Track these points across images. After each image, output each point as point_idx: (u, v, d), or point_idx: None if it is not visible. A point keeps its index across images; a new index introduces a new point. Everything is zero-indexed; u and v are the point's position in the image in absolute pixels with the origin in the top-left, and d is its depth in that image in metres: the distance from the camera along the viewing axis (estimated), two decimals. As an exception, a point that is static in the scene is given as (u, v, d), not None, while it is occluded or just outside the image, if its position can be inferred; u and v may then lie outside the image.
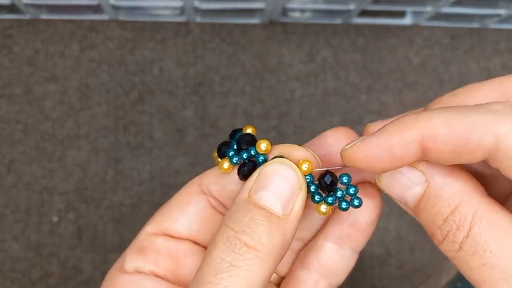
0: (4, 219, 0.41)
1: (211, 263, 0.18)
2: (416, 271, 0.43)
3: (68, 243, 0.41)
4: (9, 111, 0.41)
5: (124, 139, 0.42)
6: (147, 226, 0.23)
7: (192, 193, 0.22)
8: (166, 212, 0.23)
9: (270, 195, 0.19)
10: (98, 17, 0.42)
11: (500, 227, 0.17)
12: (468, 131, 0.17)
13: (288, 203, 0.19)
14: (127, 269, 0.22)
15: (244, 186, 0.20)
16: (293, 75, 0.43)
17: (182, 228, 0.22)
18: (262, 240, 0.18)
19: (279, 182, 0.19)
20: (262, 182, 0.19)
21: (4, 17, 0.41)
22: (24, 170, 0.41)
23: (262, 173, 0.20)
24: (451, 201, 0.17)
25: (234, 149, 0.22)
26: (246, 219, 0.18)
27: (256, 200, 0.19)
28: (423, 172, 0.18)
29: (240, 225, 0.18)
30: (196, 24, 0.42)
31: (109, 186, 0.41)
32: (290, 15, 0.42)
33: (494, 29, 0.44)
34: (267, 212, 0.19)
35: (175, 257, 0.22)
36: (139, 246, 0.22)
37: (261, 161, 0.21)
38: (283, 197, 0.19)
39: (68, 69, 0.42)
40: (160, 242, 0.22)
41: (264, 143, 0.21)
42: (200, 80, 0.42)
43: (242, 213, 0.19)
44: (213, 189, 0.22)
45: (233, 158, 0.21)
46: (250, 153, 0.21)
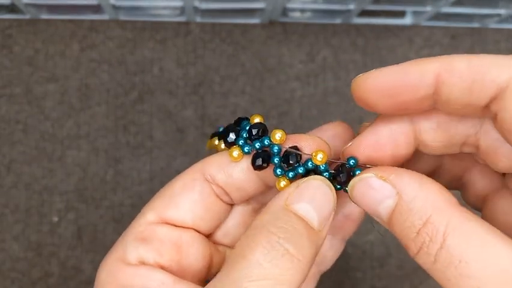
0: (4, 219, 0.41)
1: (249, 267, 0.17)
2: (416, 271, 0.43)
3: (68, 243, 0.41)
4: (9, 111, 0.41)
5: (124, 139, 0.42)
6: (147, 214, 0.22)
7: (196, 180, 0.22)
8: (168, 198, 0.22)
9: (311, 208, 0.19)
10: (98, 17, 0.42)
11: (474, 236, 0.17)
12: (486, 67, 0.17)
13: (324, 220, 0.19)
14: (130, 259, 0.21)
15: (280, 196, 0.20)
16: (293, 75, 0.43)
17: (186, 216, 0.22)
18: (304, 251, 0.18)
19: (321, 198, 0.20)
20: (304, 194, 0.19)
21: (4, 17, 0.41)
22: (24, 170, 0.41)
23: (305, 186, 0.20)
24: (422, 214, 0.17)
25: (243, 137, 0.21)
26: (288, 227, 0.18)
27: (297, 210, 0.19)
28: (394, 185, 0.18)
29: (283, 232, 0.18)
30: (196, 24, 0.42)
31: (109, 186, 0.41)
32: (290, 15, 0.42)
33: (494, 29, 0.44)
34: (306, 223, 0.19)
35: (179, 246, 0.21)
36: (140, 236, 0.21)
37: (276, 150, 0.21)
38: (322, 213, 0.19)
39: (68, 69, 0.42)
40: (163, 231, 0.21)
41: (279, 132, 0.21)
42: (200, 80, 0.42)
43: (283, 220, 0.19)
44: (219, 177, 0.22)
45: (244, 147, 0.21)
46: (263, 142, 0.21)
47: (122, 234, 0.22)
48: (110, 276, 0.21)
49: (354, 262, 0.43)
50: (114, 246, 0.22)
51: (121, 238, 0.22)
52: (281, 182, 0.21)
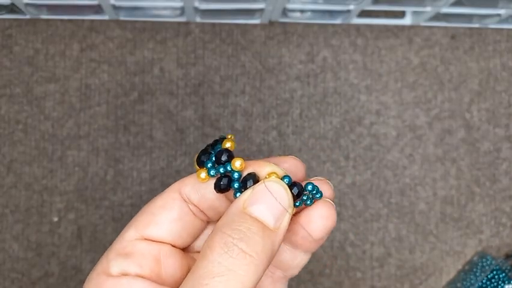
0: (4, 219, 0.41)
1: (208, 266, 0.20)
2: (416, 271, 0.43)
3: (68, 243, 0.41)
4: (9, 111, 0.41)
5: (124, 139, 0.42)
6: (129, 231, 0.23)
7: (175, 199, 0.24)
8: (149, 217, 0.24)
9: (265, 209, 0.21)
10: (98, 17, 0.42)
11: None
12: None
13: (280, 217, 0.21)
14: (113, 272, 0.22)
15: (240, 198, 0.22)
16: (293, 75, 0.43)
17: (165, 233, 0.24)
18: (257, 248, 0.20)
19: (273, 198, 0.22)
20: (258, 196, 0.22)
21: (4, 17, 0.41)
22: (24, 170, 0.41)
23: (258, 189, 0.22)
24: None
25: (212, 160, 0.23)
26: (243, 228, 0.21)
27: (252, 212, 0.21)
28: None
29: (237, 233, 0.20)
30: (196, 25, 0.42)
31: (109, 186, 0.41)
32: (290, 15, 0.42)
33: (494, 29, 0.44)
34: (261, 223, 0.21)
35: (158, 259, 0.23)
36: (123, 252, 0.23)
37: (236, 177, 0.23)
38: (276, 212, 0.21)
39: (68, 69, 0.42)
40: (143, 246, 0.23)
41: (239, 161, 0.23)
42: (200, 80, 0.42)
43: (239, 222, 0.21)
44: (193, 197, 0.24)
45: (210, 170, 0.23)
46: (226, 168, 0.23)
47: (106, 251, 0.24)
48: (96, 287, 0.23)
49: (354, 262, 0.43)
50: (99, 261, 0.24)
51: (105, 253, 0.24)
52: None
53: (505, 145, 0.44)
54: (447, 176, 0.43)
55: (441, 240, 0.43)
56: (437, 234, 0.43)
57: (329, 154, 0.43)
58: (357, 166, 0.43)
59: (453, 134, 0.43)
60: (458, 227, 0.43)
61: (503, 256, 0.43)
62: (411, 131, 0.43)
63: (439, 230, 0.43)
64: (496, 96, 0.44)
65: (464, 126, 0.44)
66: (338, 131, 0.43)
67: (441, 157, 0.43)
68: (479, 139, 0.44)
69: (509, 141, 0.44)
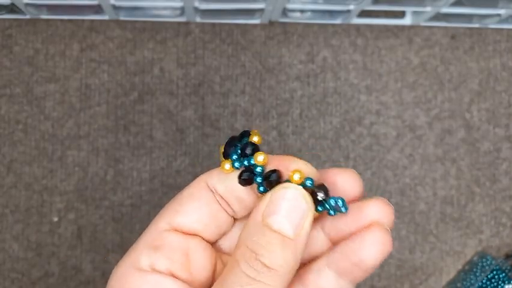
0: (4, 219, 0.41)
1: (238, 274, 0.21)
2: (416, 271, 0.43)
3: (68, 243, 0.41)
4: (9, 111, 0.41)
5: (124, 139, 0.42)
6: (159, 223, 0.24)
7: (202, 189, 0.24)
8: (177, 206, 0.24)
9: (282, 219, 0.21)
10: (98, 17, 0.42)
11: None
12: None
13: (298, 225, 0.21)
14: (142, 265, 0.22)
15: (258, 208, 0.22)
16: (293, 75, 0.43)
17: (194, 223, 0.24)
18: (279, 261, 0.21)
19: (291, 206, 0.22)
20: (274, 206, 0.22)
21: (4, 17, 0.41)
22: (24, 170, 0.41)
23: (274, 198, 0.22)
24: None
25: (238, 152, 0.23)
26: (263, 242, 0.21)
27: (270, 224, 0.21)
28: None
29: (258, 248, 0.21)
30: (196, 25, 0.42)
31: (109, 186, 0.41)
32: (290, 15, 0.42)
33: (494, 29, 0.44)
34: (280, 235, 0.21)
35: (187, 253, 0.23)
36: (153, 244, 0.23)
37: (258, 171, 0.23)
38: (293, 220, 0.21)
39: (68, 69, 0.42)
40: (173, 238, 0.23)
41: (261, 155, 0.23)
42: (200, 80, 0.42)
43: (258, 235, 0.21)
44: (218, 188, 0.24)
45: (235, 162, 0.23)
46: (251, 161, 0.23)
47: (136, 242, 0.24)
48: (122, 280, 0.23)
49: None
50: (127, 253, 0.24)
51: (134, 245, 0.24)
52: None
53: (505, 145, 0.44)
54: (447, 176, 0.43)
55: (442, 240, 0.43)
56: (437, 234, 0.43)
57: (329, 154, 0.43)
58: (357, 166, 0.43)
59: (453, 134, 0.43)
60: (458, 227, 0.43)
61: (503, 256, 0.43)
62: (411, 131, 0.43)
63: (439, 230, 0.43)
64: (496, 96, 0.44)
65: (464, 126, 0.44)
66: (338, 131, 0.43)
67: (441, 157, 0.43)
68: (479, 139, 0.44)
69: (509, 141, 0.44)
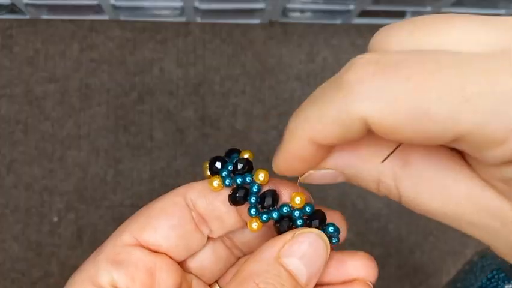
0: (4, 219, 0.41)
1: None
2: (416, 271, 0.43)
3: (68, 243, 0.41)
4: (9, 111, 0.41)
5: (124, 139, 0.42)
6: (124, 235, 0.21)
7: (177, 204, 0.22)
8: (146, 220, 0.22)
9: (302, 265, 0.19)
10: (98, 17, 0.42)
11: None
12: (339, 119, 0.15)
13: (313, 276, 0.20)
14: (101, 282, 0.21)
15: (275, 244, 0.20)
16: (293, 75, 0.43)
17: (163, 241, 0.21)
18: None
19: (313, 254, 0.20)
20: (297, 248, 0.20)
21: (4, 17, 0.41)
22: (24, 170, 0.41)
23: (298, 239, 0.20)
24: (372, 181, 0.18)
25: (228, 169, 0.21)
26: (276, 283, 0.19)
27: (287, 264, 0.19)
28: (335, 168, 0.18)
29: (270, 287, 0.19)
30: (196, 25, 0.42)
31: (109, 186, 0.41)
32: (290, 15, 0.42)
33: (494, 29, 0.44)
34: (294, 280, 0.19)
35: (152, 272, 0.21)
36: (115, 259, 0.21)
37: (254, 190, 0.21)
38: (312, 269, 0.20)
39: (68, 69, 0.42)
40: (138, 255, 0.21)
41: (263, 173, 0.21)
42: (200, 80, 0.42)
43: (272, 274, 0.19)
44: (199, 204, 0.22)
45: (226, 179, 0.21)
46: (245, 179, 0.21)
47: (95, 253, 0.22)
48: None
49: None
50: (85, 265, 0.21)
51: (94, 257, 0.21)
52: (253, 223, 0.21)
53: (505, 145, 0.44)
54: (447, 176, 0.43)
55: (441, 240, 0.43)
56: (437, 234, 0.43)
57: (329, 154, 0.43)
58: (357, 166, 0.43)
59: (453, 134, 0.43)
60: (458, 227, 0.43)
61: (503, 256, 0.43)
62: (411, 131, 0.43)
63: (439, 230, 0.43)
64: (496, 96, 0.44)
65: (464, 126, 0.44)
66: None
67: (442, 157, 0.43)
68: (479, 139, 0.44)
69: (509, 141, 0.44)
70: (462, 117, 0.14)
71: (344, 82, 0.15)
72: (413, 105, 0.14)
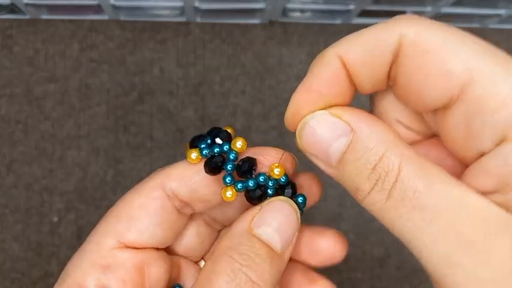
0: (4, 219, 0.41)
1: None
2: (416, 271, 0.43)
3: (68, 243, 0.41)
4: (9, 111, 0.41)
5: (124, 139, 0.42)
6: (106, 238, 0.21)
7: (157, 198, 0.21)
8: (127, 221, 0.21)
9: (274, 232, 0.19)
10: (98, 17, 0.42)
11: (427, 168, 0.16)
12: (376, 35, 0.17)
13: (287, 243, 0.20)
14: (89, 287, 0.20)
15: (245, 217, 0.20)
16: (293, 75, 0.43)
17: (147, 239, 0.21)
18: (265, 276, 0.19)
19: (283, 221, 0.20)
20: (267, 217, 0.20)
21: (4, 17, 0.41)
22: (24, 170, 0.41)
23: (268, 209, 0.20)
24: (378, 149, 0.17)
25: (207, 142, 0.21)
26: (251, 253, 0.19)
27: (260, 234, 0.19)
28: (348, 122, 0.18)
29: (245, 259, 0.19)
30: (196, 24, 0.42)
31: (109, 186, 0.41)
32: (290, 15, 0.42)
33: (494, 29, 0.44)
34: (269, 248, 0.19)
35: (141, 268, 0.21)
36: (102, 264, 0.20)
37: (231, 158, 0.20)
38: (285, 236, 0.20)
39: (68, 69, 0.42)
40: (124, 256, 0.21)
41: (240, 140, 0.21)
42: (200, 80, 0.42)
43: (246, 246, 0.19)
44: (181, 193, 0.21)
45: (203, 150, 0.21)
46: (222, 148, 0.21)
47: (79, 257, 0.21)
48: None
49: (354, 263, 0.43)
50: (69, 270, 0.21)
51: (78, 263, 0.21)
52: (227, 192, 0.21)
53: (505, 145, 0.44)
54: (447, 176, 0.43)
55: (442, 241, 0.43)
56: (437, 235, 0.43)
57: (329, 154, 0.43)
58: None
59: (453, 134, 0.43)
60: (458, 227, 0.43)
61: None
62: (411, 131, 0.43)
63: (439, 230, 0.43)
64: (496, 96, 0.44)
65: (464, 127, 0.43)
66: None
67: (442, 157, 0.43)
68: (479, 139, 0.44)
69: (509, 142, 0.44)
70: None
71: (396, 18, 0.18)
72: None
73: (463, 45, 0.17)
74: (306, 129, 0.19)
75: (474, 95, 0.16)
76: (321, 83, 0.19)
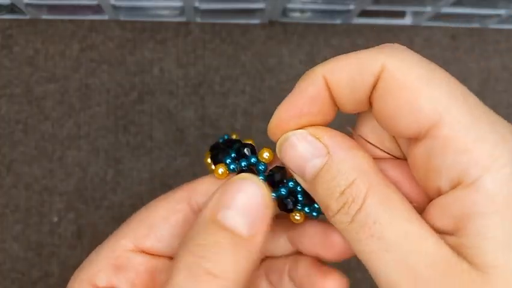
0: (4, 219, 0.41)
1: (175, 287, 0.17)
2: (416, 271, 0.43)
3: (68, 243, 0.41)
4: (9, 111, 0.41)
5: (124, 139, 0.42)
6: (124, 240, 0.21)
7: (181, 211, 0.21)
8: (148, 227, 0.21)
9: (234, 213, 0.18)
10: (98, 17, 0.42)
11: (391, 202, 0.17)
12: (360, 60, 0.18)
13: (254, 222, 0.18)
14: (100, 284, 0.20)
15: (207, 204, 0.18)
16: (293, 75, 0.43)
17: (165, 248, 0.21)
18: (227, 267, 0.17)
19: (244, 199, 0.18)
20: (225, 199, 0.18)
21: (4, 17, 0.41)
22: (24, 170, 0.41)
23: (225, 189, 0.18)
24: (349, 175, 0.18)
25: (231, 156, 0.21)
26: (209, 242, 0.17)
27: (220, 219, 0.18)
28: (326, 145, 0.19)
29: (201, 250, 0.17)
30: (196, 24, 0.42)
31: (109, 186, 0.41)
32: (290, 15, 0.42)
33: (494, 29, 0.44)
34: (231, 233, 0.17)
35: (153, 275, 0.21)
36: (115, 264, 0.20)
37: (261, 169, 0.20)
38: (249, 215, 0.18)
39: (68, 69, 0.42)
40: (138, 260, 0.21)
41: (267, 152, 0.21)
42: (200, 80, 0.42)
43: (204, 234, 0.17)
44: None
45: (231, 165, 0.21)
46: (250, 161, 0.21)
47: (94, 254, 0.21)
48: None
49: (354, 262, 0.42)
50: (86, 264, 0.21)
51: (94, 259, 0.21)
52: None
53: (505, 145, 0.44)
54: (447, 176, 0.43)
55: (442, 240, 0.43)
56: (437, 234, 0.43)
57: (329, 154, 0.43)
58: (357, 166, 0.43)
59: (453, 134, 0.43)
60: (458, 227, 0.43)
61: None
62: (411, 131, 0.43)
63: (439, 230, 0.43)
64: (496, 96, 0.44)
65: (464, 126, 0.43)
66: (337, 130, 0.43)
67: (442, 157, 0.43)
68: (479, 139, 0.44)
69: (509, 141, 0.44)
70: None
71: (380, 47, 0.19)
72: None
73: (437, 86, 0.18)
74: (286, 144, 0.19)
75: (441, 134, 0.17)
76: (303, 100, 0.19)
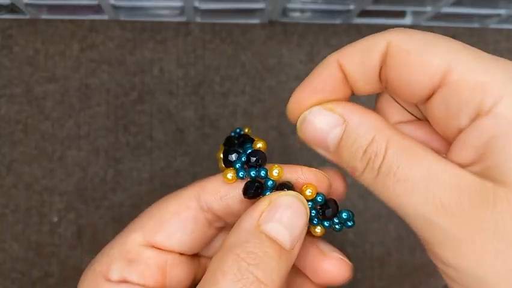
0: (4, 219, 0.41)
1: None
2: (416, 271, 0.43)
3: (68, 243, 0.41)
4: (9, 111, 0.41)
5: (124, 139, 0.42)
6: (135, 235, 0.22)
7: (191, 208, 0.22)
8: (159, 223, 0.22)
9: (283, 228, 0.19)
10: (98, 17, 0.42)
11: (410, 148, 0.19)
12: (368, 42, 0.20)
13: (296, 239, 0.20)
14: (112, 277, 0.21)
15: (252, 214, 0.20)
16: (293, 75, 0.43)
17: (175, 244, 0.22)
18: (273, 275, 0.18)
19: (293, 216, 0.20)
20: (275, 212, 0.20)
21: (4, 17, 0.41)
22: (24, 170, 0.41)
23: (276, 204, 0.20)
24: (368, 135, 0.20)
25: (242, 161, 0.21)
26: (259, 251, 0.18)
27: (268, 231, 0.19)
28: (341, 114, 0.20)
29: (253, 258, 0.18)
30: (196, 24, 0.42)
31: (109, 186, 0.41)
32: (290, 15, 0.42)
33: (494, 29, 0.44)
34: (278, 245, 0.19)
35: (163, 269, 0.21)
36: (127, 257, 0.21)
37: (269, 185, 0.21)
38: (294, 232, 0.20)
39: (68, 69, 0.42)
40: (149, 254, 0.21)
41: (277, 169, 0.21)
42: (200, 80, 0.42)
43: (254, 244, 0.19)
44: (215, 207, 0.22)
45: (239, 172, 0.21)
46: (259, 173, 0.21)
47: (108, 247, 0.22)
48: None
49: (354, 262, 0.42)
50: (98, 258, 0.22)
51: (107, 252, 0.22)
52: None
53: (505, 145, 0.44)
54: (447, 176, 0.43)
55: (442, 240, 0.43)
56: (437, 234, 0.43)
57: (329, 154, 0.43)
58: (357, 166, 0.43)
59: (453, 134, 0.43)
60: (458, 227, 0.43)
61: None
62: (411, 131, 0.43)
63: (439, 230, 0.43)
64: (496, 96, 0.44)
65: (464, 126, 0.43)
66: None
67: (442, 157, 0.43)
68: (479, 139, 0.44)
69: (509, 141, 0.44)
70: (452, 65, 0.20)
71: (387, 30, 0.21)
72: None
73: (441, 43, 0.20)
74: (305, 123, 0.21)
75: (452, 80, 0.19)
76: (319, 80, 0.21)
